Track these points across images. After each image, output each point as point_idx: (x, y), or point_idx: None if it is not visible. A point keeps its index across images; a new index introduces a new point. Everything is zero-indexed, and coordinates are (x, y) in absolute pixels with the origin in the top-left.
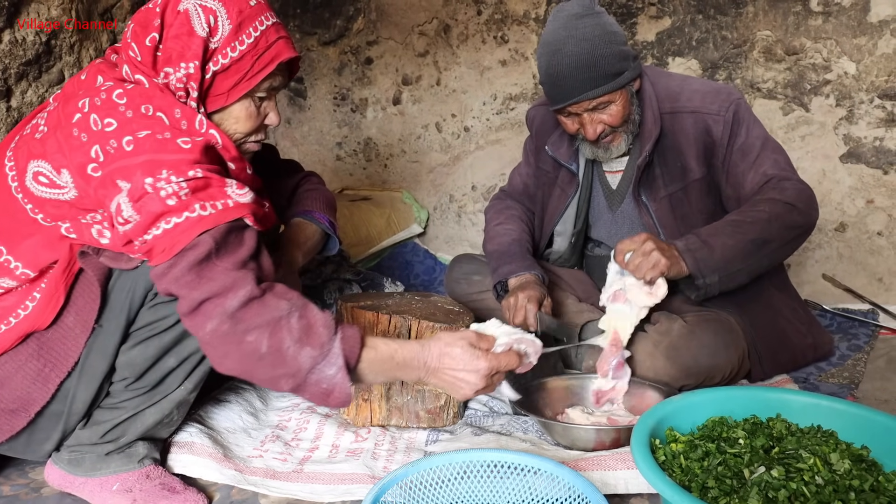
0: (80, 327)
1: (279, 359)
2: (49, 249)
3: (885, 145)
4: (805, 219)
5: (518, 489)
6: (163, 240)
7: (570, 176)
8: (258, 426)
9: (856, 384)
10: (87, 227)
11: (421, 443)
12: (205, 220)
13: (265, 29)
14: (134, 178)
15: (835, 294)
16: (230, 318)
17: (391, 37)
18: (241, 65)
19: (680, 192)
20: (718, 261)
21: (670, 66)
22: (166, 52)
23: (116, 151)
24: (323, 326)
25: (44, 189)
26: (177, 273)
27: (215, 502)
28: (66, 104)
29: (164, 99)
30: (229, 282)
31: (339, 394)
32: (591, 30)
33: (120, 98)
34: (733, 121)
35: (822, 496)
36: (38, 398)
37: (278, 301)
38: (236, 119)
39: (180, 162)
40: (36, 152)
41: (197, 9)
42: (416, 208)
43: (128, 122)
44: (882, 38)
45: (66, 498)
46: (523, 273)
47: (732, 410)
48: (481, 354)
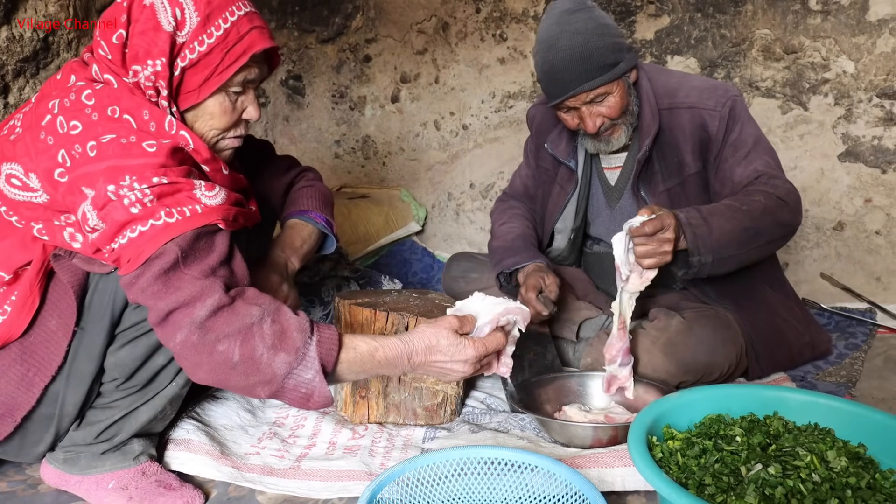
0: (62, 331)
1: (253, 366)
2: (22, 250)
3: (884, 144)
4: (793, 218)
5: (515, 486)
6: (128, 249)
7: (569, 173)
8: (255, 423)
9: (853, 383)
10: (59, 230)
11: (418, 440)
12: (171, 228)
13: (236, 20)
14: (97, 185)
15: (833, 293)
16: (199, 328)
17: (390, 34)
18: (210, 59)
19: (678, 188)
20: (715, 242)
21: (669, 64)
22: (133, 49)
23: (81, 157)
24: (297, 331)
25: (17, 192)
26: (143, 283)
27: (212, 499)
28: (39, 105)
29: (133, 100)
30: (197, 291)
31: (318, 397)
32: (584, 23)
33: (88, 99)
34: (729, 116)
35: (818, 493)
36: (23, 403)
37: (249, 307)
38: (211, 115)
39: (144, 167)
40: (9, 154)
41: (163, 2)
42: (415, 206)
43: (93, 125)
44: (881, 38)
45: (63, 495)
46: (527, 264)
47: (730, 408)
48: (468, 343)
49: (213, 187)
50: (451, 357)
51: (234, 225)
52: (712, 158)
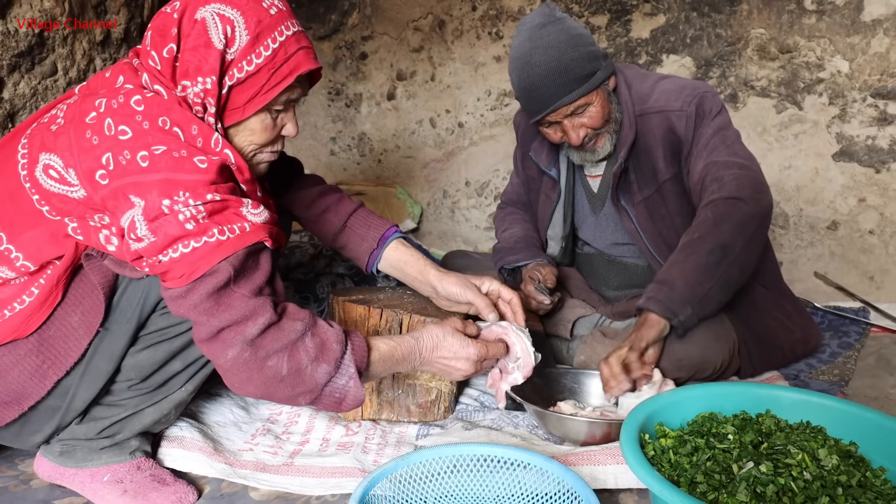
0: (84, 328)
1: (299, 379)
2: (53, 245)
3: (878, 144)
4: (756, 206)
5: (508, 483)
6: (180, 264)
7: (552, 182)
8: (249, 420)
9: (846, 381)
10: (94, 231)
11: (411, 437)
12: (224, 246)
13: (284, 40)
14: (149, 196)
15: (826, 292)
16: (250, 346)
17: (386, 32)
18: (256, 78)
19: (655, 195)
20: (683, 292)
21: (664, 63)
22: (184, 64)
23: (129, 164)
24: (335, 342)
25: (53, 183)
26: (195, 299)
27: (205, 495)
28: (85, 100)
29: (182, 113)
30: (249, 309)
31: (351, 399)
32: (556, 36)
33: (138, 105)
34: (696, 114)
35: (809, 491)
36: (33, 393)
37: (293, 323)
38: (251, 131)
39: (197, 183)
40: (49, 145)
41: (214, 18)
42: (410, 204)
43: (143, 133)
44: (875, 38)
45: (56, 490)
46: (529, 262)
47: (722, 406)
48: (471, 342)
49: (258, 205)
50: (455, 354)
51: (274, 243)
52: (684, 160)
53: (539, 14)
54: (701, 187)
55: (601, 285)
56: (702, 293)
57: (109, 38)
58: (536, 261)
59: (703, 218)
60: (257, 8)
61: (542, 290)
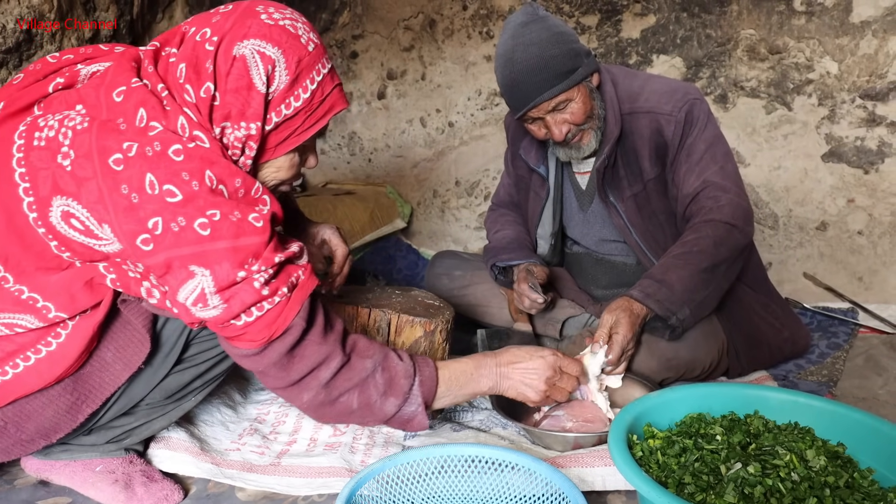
0: (121, 365)
1: (368, 411)
2: (89, 293)
3: (866, 145)
4: (745, 238)
5: (496, 485)
6: (255, 327)
7: (541, 180)
8: (236, 419)
9: (834, 382)
10: (134, 283)
11: (399, 437)
12: (293, 302)
13: (322, 79)
14: (218, 267)
15: (815, 293)
16: (325, 388)
17: (376, 31)
18: (293, 121)
19: (643, 193)
20: (682, 294)
21: (655, 63)
22: (225, 106)
23: (185, 232)
24: (404, 377)
25: (75, 234)
26: (273, 357)
27: (191, 495)
28: (102, 133)
29: (226, 166)
30: (322, 356)
31: (416, 424)
32: (538, 34)
33: (177, 155)
34: (685, 121)
35: (797, 492)
36: (64, 428)
37: (363, 361)
38: (278, 168)
39: (261, 246)
40: (66, 189)
41: (255, 56)
42: (400, 203)
43: (194, 196)
44: (864, 39)
45: (40, 490)
46: (521, 262)
47: (711, 407)
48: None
49: (302, 249)
50: (531, 354)
51: None
52: (669, 163)
53: (522, 13)
54: (692, 201)
55: (590, 285)
56: (698, 299)
57: (98, 35)
58: (529, 261)
59: (702, 235)
60: (297, 46)
61: (535, 289)
